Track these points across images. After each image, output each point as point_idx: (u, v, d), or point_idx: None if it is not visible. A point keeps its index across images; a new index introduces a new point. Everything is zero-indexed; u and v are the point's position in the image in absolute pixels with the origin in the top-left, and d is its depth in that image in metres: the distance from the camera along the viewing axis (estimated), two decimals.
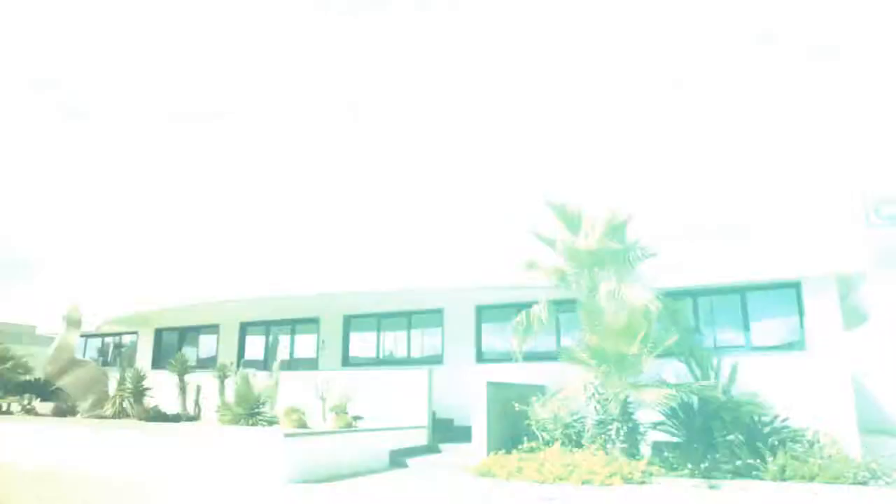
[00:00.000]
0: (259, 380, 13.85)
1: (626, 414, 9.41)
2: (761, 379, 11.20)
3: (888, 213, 23.07)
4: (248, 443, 9.23)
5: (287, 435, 8.94)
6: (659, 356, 9.70)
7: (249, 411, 11.62)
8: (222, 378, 13.33)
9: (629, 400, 9.36)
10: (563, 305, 11.64)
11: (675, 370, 11.35)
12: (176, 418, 12.28)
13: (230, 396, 12.67)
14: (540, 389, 12.57)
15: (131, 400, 13.03)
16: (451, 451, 11.97)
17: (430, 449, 12.16)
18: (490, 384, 10.53)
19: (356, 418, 11.99)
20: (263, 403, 11.88)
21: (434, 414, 13.61)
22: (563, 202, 10.94)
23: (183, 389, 13.70)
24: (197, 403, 13.98)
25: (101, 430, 11.02)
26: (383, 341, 15.86)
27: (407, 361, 15.12)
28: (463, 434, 12.70)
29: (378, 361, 15.53)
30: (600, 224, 10.56)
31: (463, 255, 12.25)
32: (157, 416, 12.13)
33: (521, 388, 11.76)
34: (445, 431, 13.50)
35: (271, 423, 11.51)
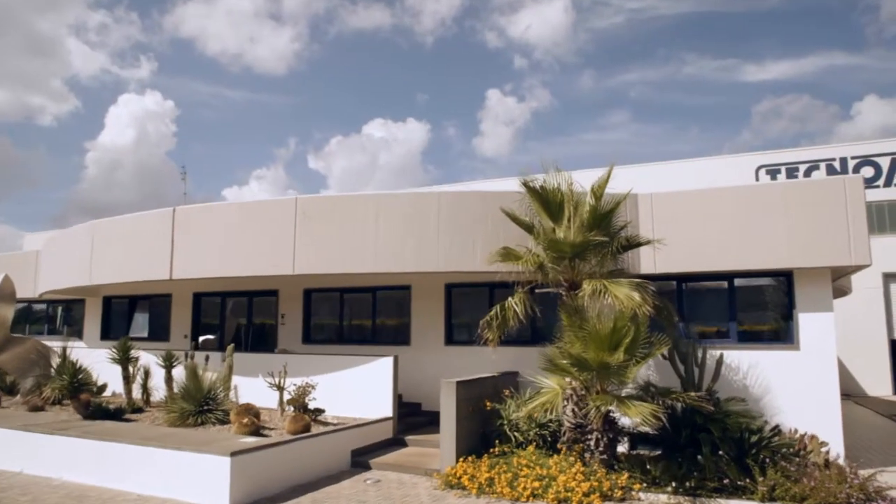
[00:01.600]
0: (213, 363, 12.92)
1: (607, 423, 8.68)
2: (747, 374, 10.66)
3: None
4: (189, 464, 8.29)
5: (234, 453, 8.03)
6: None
7: (198, 407, 10.69)
8: (169, 367, 12.32)
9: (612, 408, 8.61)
10: (541, 286, 10.81)
11: (657, 365, 10.71)
12: (118, 413, 11.27)
13: (183, 379, 11.73)
14: (513, 378, 11.91)
15: (68, 394, 11.93)
16: (417, 446, 11.28)
17: (396, 442, 11.45)
18: (460, 384, 9.70)
19: (316, 412, 11.18)
20: (213, 398, 10.94)
21: (400, 397, 12.91)
22: (542, 182, 9.88)
23: (127, 378, 12.68)
24: (145, 389, 12.99)
25: (32, 437, 9.99)
26: (347, 318, 14.92)
27: (372, 340, 14.25)
28: (431, 420, 12.04)
29: (341, 339, 14.62)
30: (584, 210, 9.57)
31: (432, 235, 11.18)
32: (97, 411, 11.09)
33: (493, 381, 11.03)
34: (412, 417, 12.83)
35: (223, 421, 10.62)
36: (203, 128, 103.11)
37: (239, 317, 16.79)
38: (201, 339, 17.56)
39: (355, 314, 14.85)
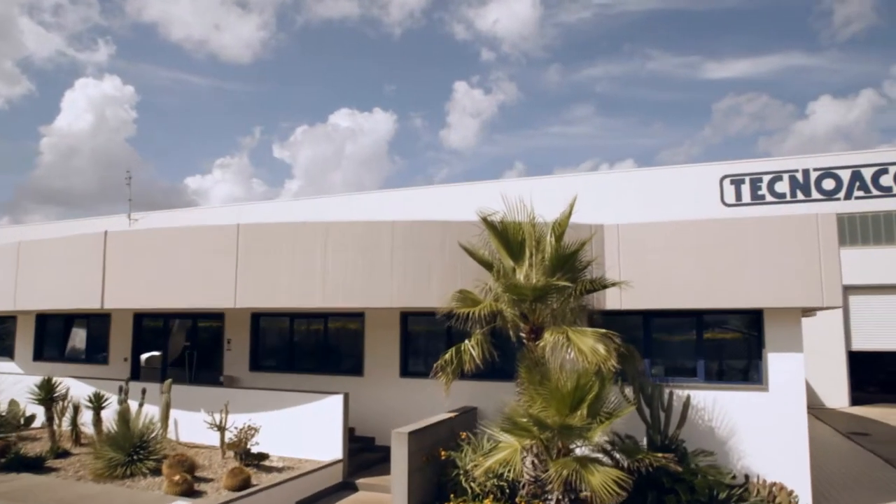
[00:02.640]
0: (151, 394, 12.03)
1: (568, 483, 8.07)
2: (714, 415, 10.23)
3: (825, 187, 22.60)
4: None
5: None
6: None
7: (128, 457, 9.78)
8: (98, 408, 11.33)
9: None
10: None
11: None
12: (39, 461, 10.26)
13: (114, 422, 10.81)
14: (472, 415, 11.31)
15: None
16: (369, 490, 10.57)
17: (346, 486, 10.71)
18: (412, 434, 9.01)
19: (259, 457, 10.39)
20: (145, 446, 10.03)
21: (353, 431, 12.22)
22: (501, 217, 9.20)
23: (51, 420, 11.64)
24: (75, 426, 11.97)
25: None
26: (297, 344, 14.06)
27: (323, 368, 13.43)
28: (385, 456, 11.34)
29: (290, 366, 13.77)
30: (546, 248, 8.93)
31: (385, 268, 10.43)
32: (14, 461, 10.06)
33: (450, 423, 10.37)
34: (366, 453, 12.10)
35: (156, 471, 9.74)
36: (165, 114, 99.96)
37: (183, 339, 15.79)
38: (145, 356, 16.53)
39: (306, 341, 14.01)
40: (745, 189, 23.33)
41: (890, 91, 75.60)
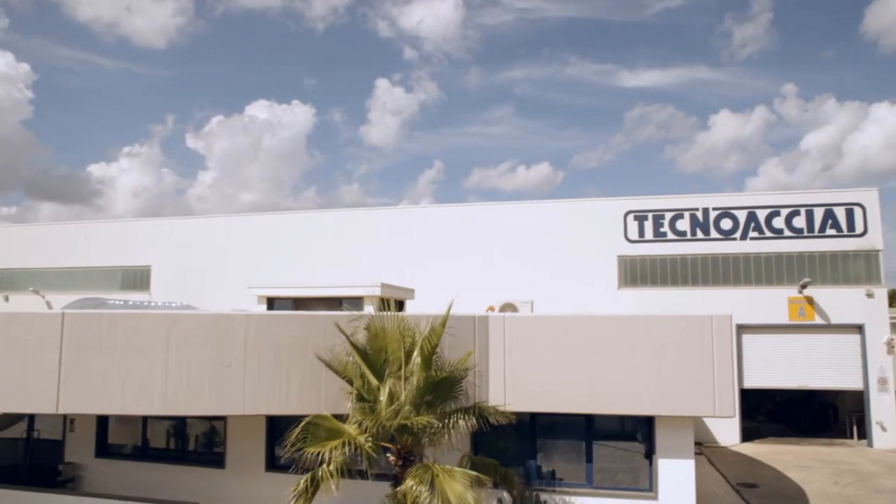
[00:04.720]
0: None
1: None
2: None
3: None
4: None
5: None
6: None
7: None
8: None
9: None
10: None
11: None
12: None
13: None
14: None
15: None
16: None
17: None
18: None
19: None
20: None
21: None
22: (367, 324, 8.04)
23: None
24: None
25: None
26: (150, 429, 12.31)
27: (180, 457, 11.82)
28: None
29: (143, 454, 12.05)
30: (415, 373, 7.80)
31: (237, 368, 9.03)
32: None
33: None
34: None
35: None
36: (67, 96, 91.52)
37: (16, 418, 13.59)
38: None
39: (161, 426, 12.26)
40: (648, 226, 23.24)
41: (780, 108, 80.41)
